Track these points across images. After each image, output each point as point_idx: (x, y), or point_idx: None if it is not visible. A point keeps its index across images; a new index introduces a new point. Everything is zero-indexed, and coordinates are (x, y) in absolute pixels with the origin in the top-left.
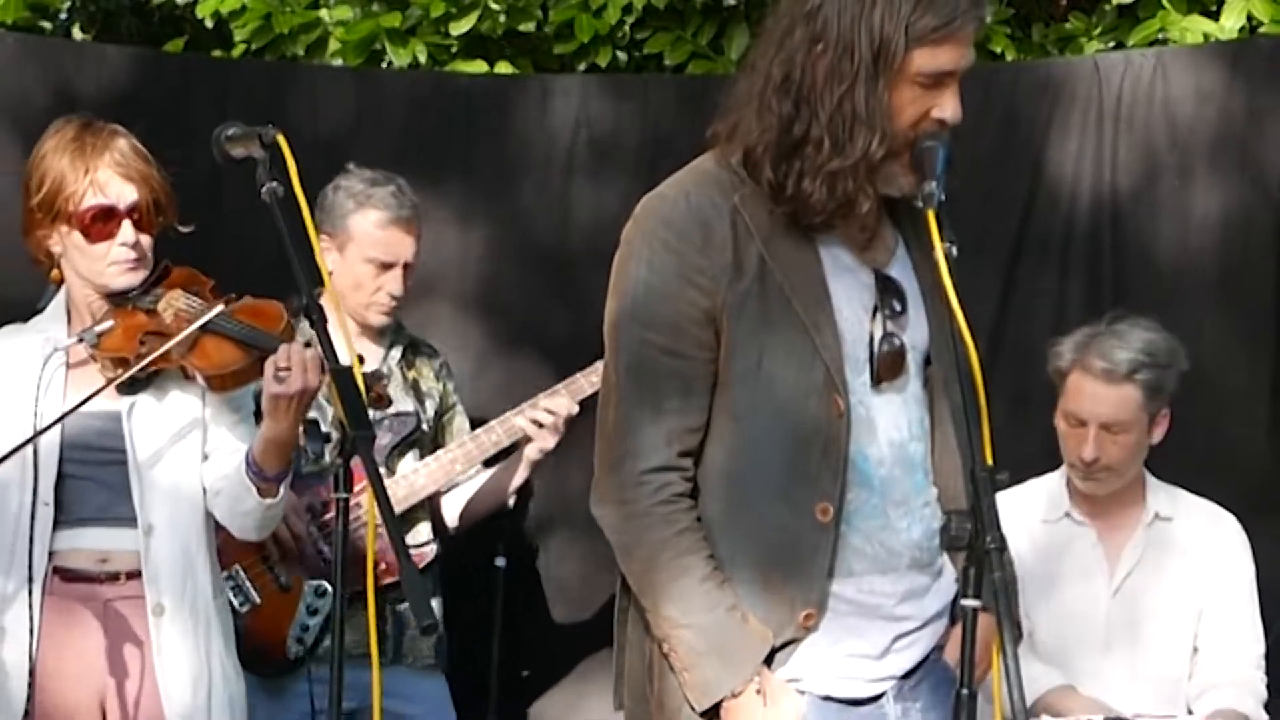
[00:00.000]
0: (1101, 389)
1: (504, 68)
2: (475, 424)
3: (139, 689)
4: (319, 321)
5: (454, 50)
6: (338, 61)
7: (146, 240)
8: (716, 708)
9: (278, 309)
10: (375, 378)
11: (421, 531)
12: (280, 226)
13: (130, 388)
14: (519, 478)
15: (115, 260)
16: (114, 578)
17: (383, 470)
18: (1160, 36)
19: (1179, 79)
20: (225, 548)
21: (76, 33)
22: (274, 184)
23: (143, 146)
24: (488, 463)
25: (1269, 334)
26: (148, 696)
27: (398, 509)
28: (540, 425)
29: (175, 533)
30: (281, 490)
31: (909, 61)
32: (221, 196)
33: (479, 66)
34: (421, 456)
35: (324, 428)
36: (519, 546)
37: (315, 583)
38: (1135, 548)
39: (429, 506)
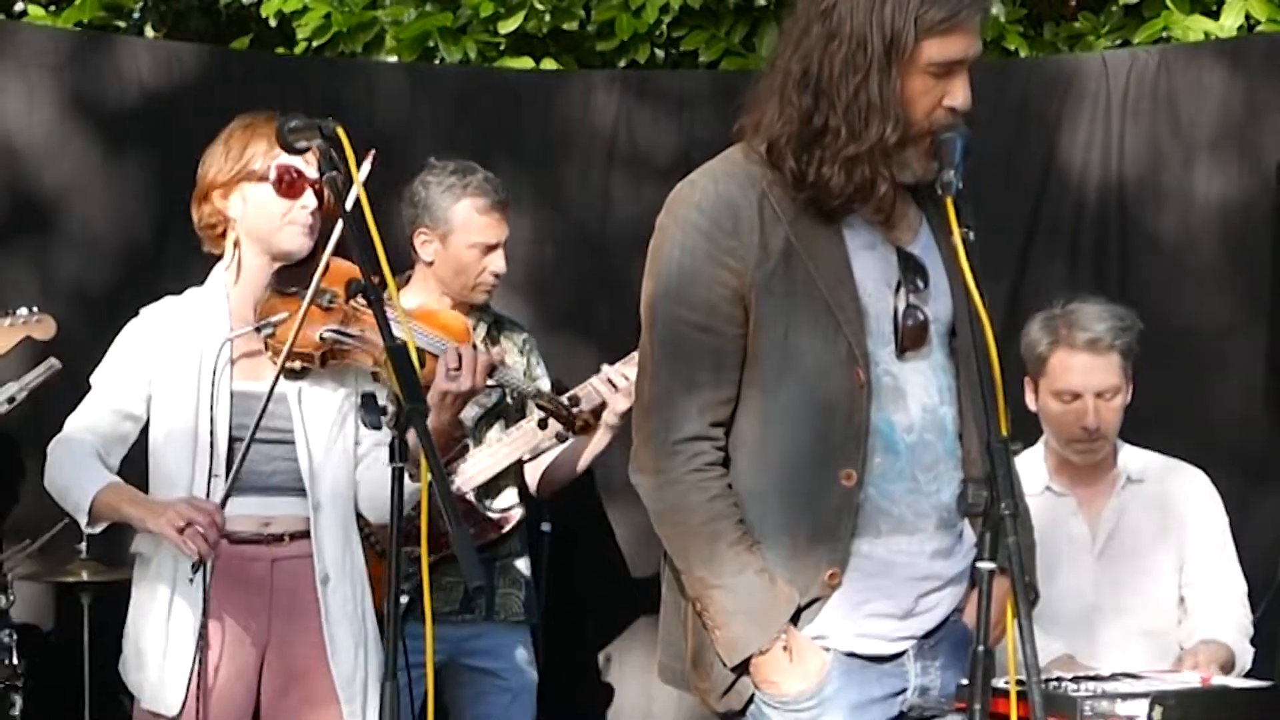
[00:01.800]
0: (1089, 360)
1: (549, 64)
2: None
3: (305, 649)
4: (375, 301)
5: (502, 48)
6: (393, 58)
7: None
8: (746, 663)
9: (462, 323)
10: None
11: (508, 496)
12: (340, 212)
13: (298, 374)
14: (599, 441)
15: (295, 220)
16: (278, 539)
17: (469, 441)
18: (1164, 35)
19: (1181, 74)
20: None
21: (148, 31)
22: (334, 173)
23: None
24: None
25: (1266, 312)
26: (314, 657)
27: (484, 476)
28: (616, 389)
29: (337, 508)
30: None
31: (920, 52)
32: None
33: (525, 63)
34: (507, 426)
35: (381, 401)
36: (565, 513)
37: (408, 549)
38: (1112, 511)
39: (515, 473)
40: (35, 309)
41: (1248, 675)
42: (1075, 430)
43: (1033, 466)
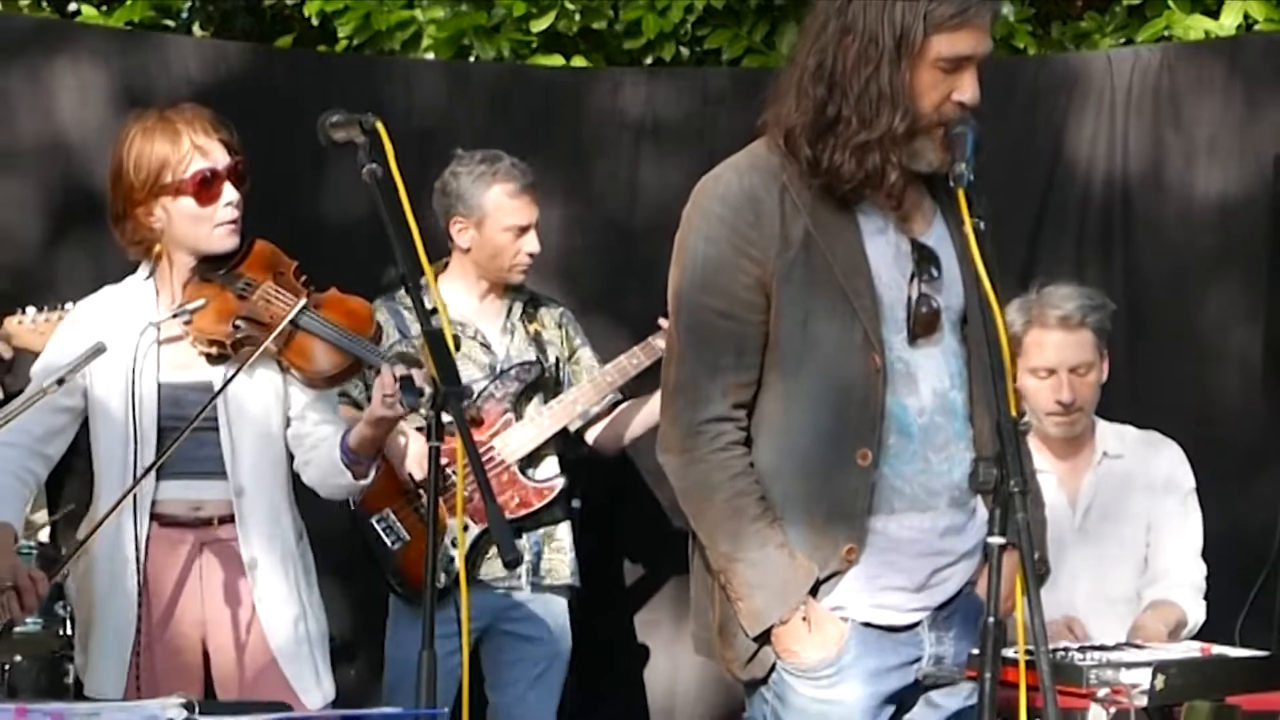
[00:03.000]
0: (1062, 336)
1: (579, 61)
2: None
3: (242, 626)
4: (414, 288)
5: (534, 46)
6: (430, 55)
7: (240, 202)
8: (768, 633)
9: (367, 310)
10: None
11: (549, 466)
12: (379, 204)
13: (220, 361)
14: (656, 403)
15: (221, 221)
16: (207, 523)
17: (510, 415)
18: (1166, 33)
19: (1183, 71)
20: (375, 494)
21: (196, 30)
22: (373, 165)
23: (217, 120)
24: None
25: (1263, 300)
26: (253, 633)
27: (527, 449)
28: None
29: (262, 492)
30: (372, 472)
31: (929, 47)
32: (327, 177)
33: (556, 60)
34: (546, 400)
35: (418, 383)
36: (596, 489)
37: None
38: (1090, 486)
39: (554, 444)
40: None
41: (1244, 645)
42: (1051, 404)
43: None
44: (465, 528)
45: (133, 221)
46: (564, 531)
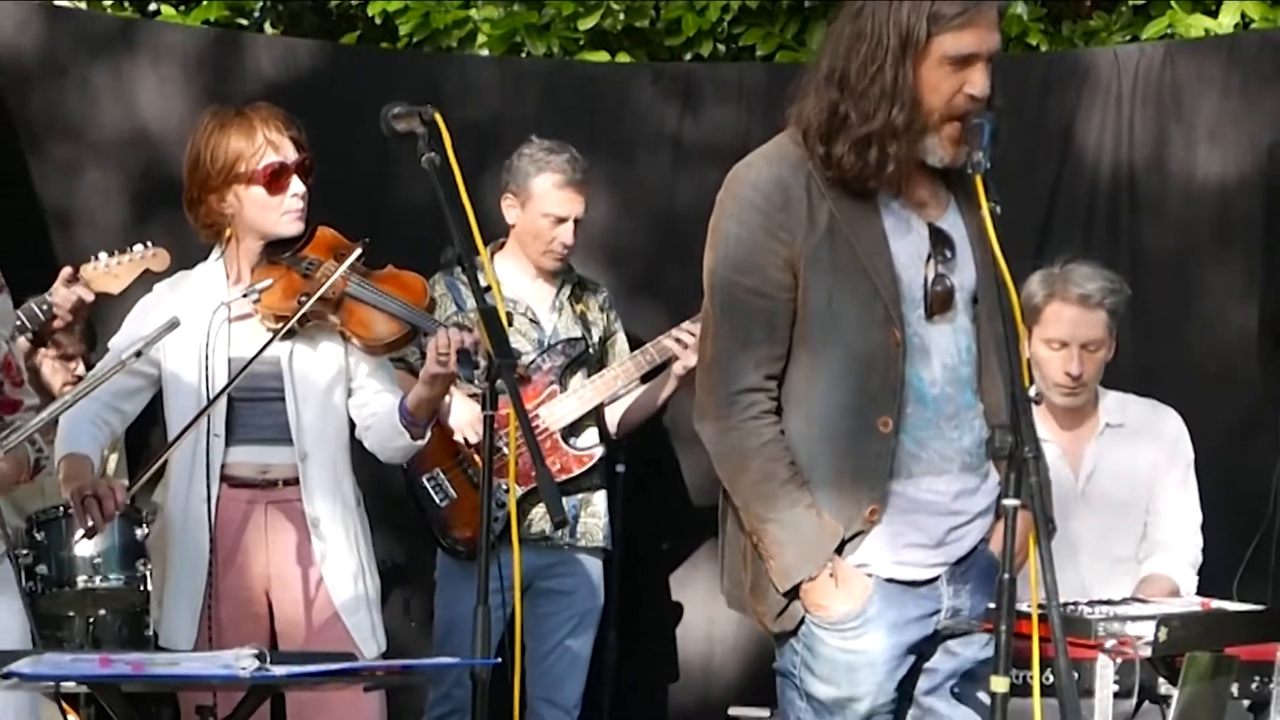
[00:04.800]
0: (1079, 313)
1: (623, 57)
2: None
3: (305, 580)
4: (469, 269)
5: (581, 43)
6: (485, 52)
7: (305, 194)
8: (797, 589)
9: (420, 283)
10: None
11: (590, 435)
12: (437, 189)
13: (287, 337)
14: (668, 389)
15: (288, 210)
16: (273, 484)
17: (555, 386)
18: (1169, 31)
19: (1184, 66)
20: (426, 454)
21: (268, 28)
22: (432, 154)
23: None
24: (645, 379)
25: (1259, 279)
26: (316, 589)
27: (570, 418)
28: (685, 345)
29: (325, 457)
30: (428, 433)
31: (935, 46)
32: (390, 165)
33: (602, 56)
34: (589, 375)
35: (474, 356)
36: (638, 456)
37: (503, 479)
38: (1092, 455)
39: (596, 415)
40: (149, 243)
41: (1240, 600)
42: (1060, 375)
43: (1037, 413)
44: (508, 489)
45: (206, 206)
46: (600, 498)
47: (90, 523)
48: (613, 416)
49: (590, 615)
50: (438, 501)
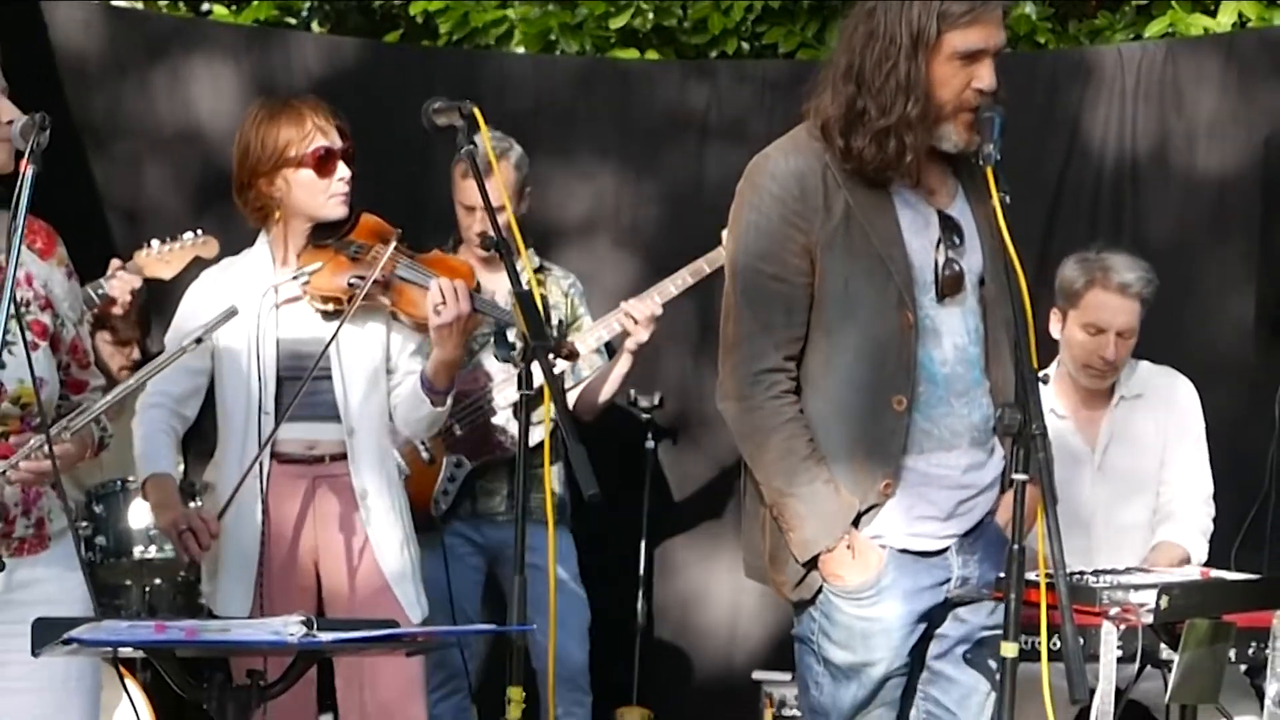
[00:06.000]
0: (1120, 301)
1: (652, 55)
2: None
3: (354, 551)
4: (506, 255)
5: (612, 40)
6: (520, 49)
7: (350, 179)
8: (815, 559)
9: (466, 266)
10: (564, 337)
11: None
12: (476, 179)
13: (334, 317)
14: (623, 367)
15: (335, 193)
16: (319, 460)
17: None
18: (1170, 30)
19: (1185, 63)
20: None
21: (314, 27)
22: (470, 147)
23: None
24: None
25: (1256, 265)
26: (364, 557)
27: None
28: (635, 320)
29: (371, 431)
30: (449, 400)
31: (945, 42)
32: (433, 156)
33: (632, 53)
34: None
35: (510, 338)
36: (665, 433)
37: (452, 457)
38: (1108, 426)
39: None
40: (199, 231)
41: (1238, 570)
42: (1094, 359)
43: (1044, 392)
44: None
45: (255, 190)
46: (554, 473)
47: (188, 558)
48: (571, 398)
49: (568, 582)
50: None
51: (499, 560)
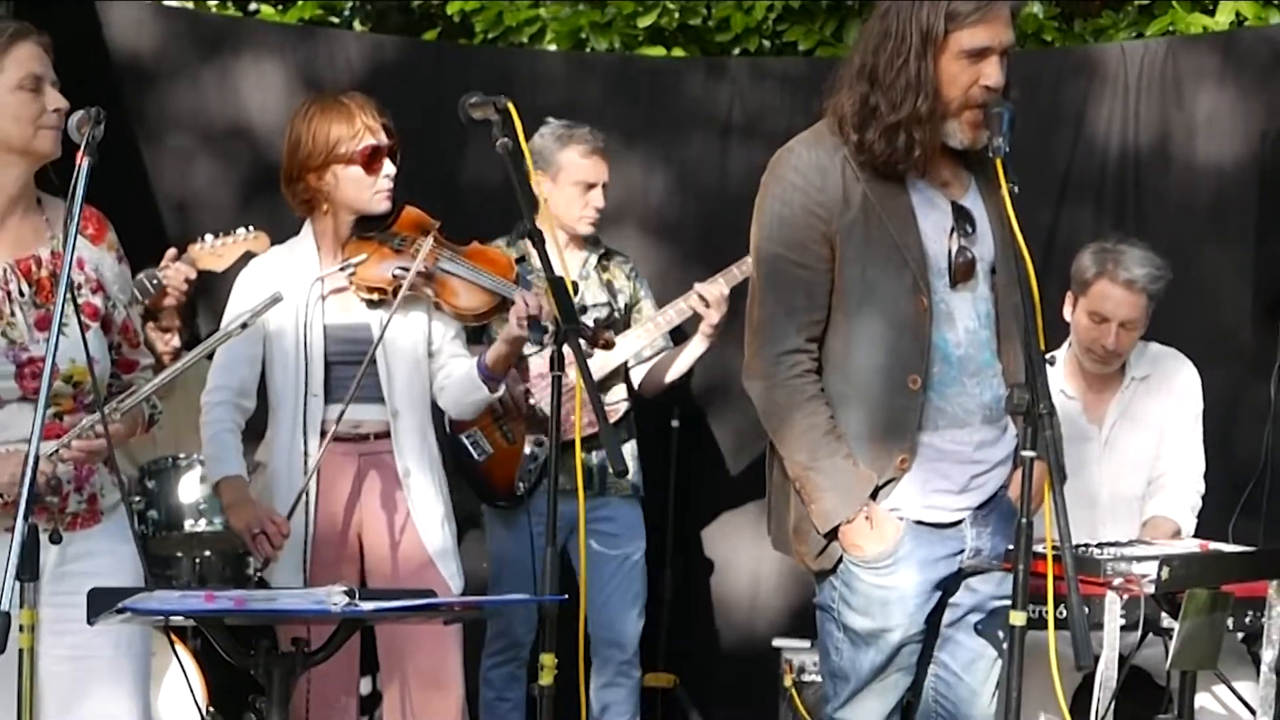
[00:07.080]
0: (1124, 295)
1: (678, 52)
2: None
3: (396, 527)
4: (539, 243)
5: (640, 38)
6: (552, 47)
7: (394, 175)
8: (835, 531)
9: (506, 258)
10: (603, 327)
11: (617, 391)
12: (510, 171)
13: (378, 306)
14: (698, 348)
15: (380, 189)
16: (364, 438)
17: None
18: (1171, 28)
19: (1185, 60)
20: None
21: (356, 25)
22: (505, 139)
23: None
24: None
25: (1252, 253)
26: (407, 533)
27: (597, 376)
28: (707, 304)
29: (413, 413)
30: (502, 387)
31: (952, 41)
32: (466, 149)
33: (659, 51)
34: (615, 334)
35: (543, 321)
36: (691, 411)
37: (533, 436)
38: (1115, 407)
39: (621, 373)
40: (251, 227)
41: (1235, 542)
42: (1095, 345)
43: (1052, 374)
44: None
45: (304, 183)
46: (628, 449)
47: (264, 558)
48: (637, 376)
49: (634, 555)
50: (476, 457)
51: (572, 534)
